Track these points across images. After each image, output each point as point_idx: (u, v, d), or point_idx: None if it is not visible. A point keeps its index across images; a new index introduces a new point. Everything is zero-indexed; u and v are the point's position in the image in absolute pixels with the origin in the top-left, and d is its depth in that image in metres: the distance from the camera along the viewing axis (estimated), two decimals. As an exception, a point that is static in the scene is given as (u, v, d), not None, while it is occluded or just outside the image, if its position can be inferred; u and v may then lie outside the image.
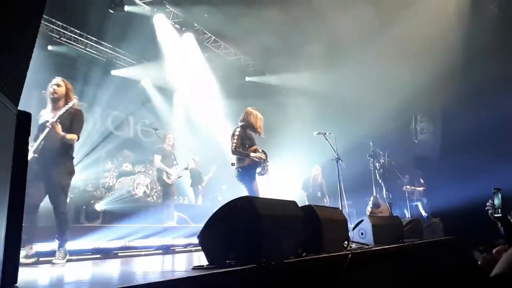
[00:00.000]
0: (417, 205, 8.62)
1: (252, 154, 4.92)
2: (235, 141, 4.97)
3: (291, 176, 9.83)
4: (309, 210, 3.09)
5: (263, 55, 10.55)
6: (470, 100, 8.67)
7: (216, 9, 8.75)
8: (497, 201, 2.48)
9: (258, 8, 8.10)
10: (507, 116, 7.98)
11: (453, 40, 8.44)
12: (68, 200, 6.39)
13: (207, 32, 10.26)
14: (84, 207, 6.19)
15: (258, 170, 5.04)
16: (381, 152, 7.98)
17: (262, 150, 5.06)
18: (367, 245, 3.99)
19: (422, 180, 8.82)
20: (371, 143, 7.88)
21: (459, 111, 9.02)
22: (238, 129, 5.08)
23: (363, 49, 8.99)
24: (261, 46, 9.80)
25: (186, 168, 7.90)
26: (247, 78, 11.92)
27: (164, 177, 6.87)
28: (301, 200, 8.35)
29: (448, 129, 10.09)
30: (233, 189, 9.48)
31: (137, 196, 7.30)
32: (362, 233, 4.35)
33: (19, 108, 1.73)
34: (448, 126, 10.06)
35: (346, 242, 3.45)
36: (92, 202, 6.29)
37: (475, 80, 8.38)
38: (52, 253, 3.77)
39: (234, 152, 4.97)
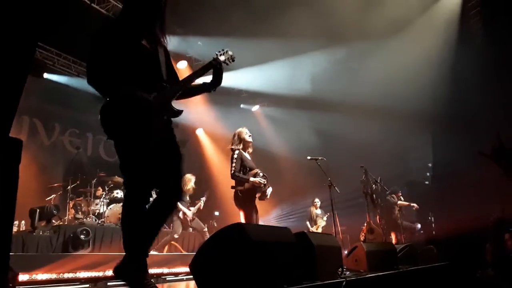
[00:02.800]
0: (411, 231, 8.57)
1: (251, 179, 4.74)
2: (234, 164, 4.84)
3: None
4: (302, 237, 3.06)
5: (256, 83, 10.70)
6: (459, 125, 8.83)
7: (209, 37, 8.91)
8: None
9: (252, 37, 8.26)
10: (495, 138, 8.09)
11: (441, 68, 8.66)
12: (57, 228, 6.33)
13: (200, 59, 10.40)
14: (72, 235, 6.07)
15: (258, 195, 4.87)
16: (373, 177, 7.99)
17: (263, 174, 4.88)
18: (362, 272, 3.93)
19: (415, 205, 8.75)
20: (363, 169, 7.89)
21: (449, 137, 9.15)
22: (237, 152, 4.94)
23: (353, 77, 9.20)
24: (254, 74, 9.96)
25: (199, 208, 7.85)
26: (242, 105, 12.06)
27: (180, 215, 7.20)
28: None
29: (438, 155, 10.20)
30: (226, 215, 9.39)
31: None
32: (356, 260, 4.29)
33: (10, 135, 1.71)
34: (438, 152, 10.17)
35: (340, 269, 3.40)
36: (80, 230, 6.17)
37: (463, 105, 8.55)
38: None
39: (233, 176, 4.81)
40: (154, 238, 2.50)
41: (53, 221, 7.10)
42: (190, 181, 7.48)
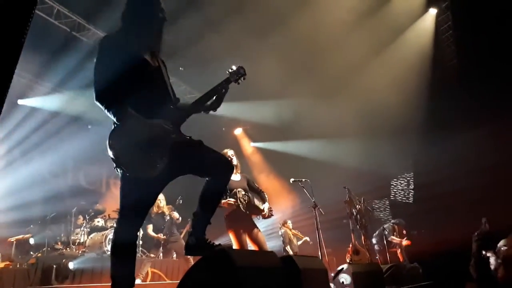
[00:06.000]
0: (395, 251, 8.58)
1: (223, 201, 4.56)
2: None
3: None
4: (288, 260, 3.02)
5: (237, 107, 10.77)
6: (439, 144, 9.05)
7: (190, 62, 8.96)
8: None
9: (231, 61, 8.33)
10: (474, 157, 8.32)
11: (418, 90, 8.92)
12: (35, 259, 6.11)
13: (183, 84, 10.43)
14: (55, 266, 5.83)
15: (255, 215, 4.75)
16: (357, 198, 8.02)
17: (245, 193, 4.67)
18: (349, 294, 3.90)
19: (404, 231, 8.79)
20: (346, 189, 7.92)
21: (430, 156, 9.35)
22: None
23: (334, 101, 9.39)
24: (235, 98, 10.02)
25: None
26: (224, 128, 12.11)
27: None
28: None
29: (420, 174, 10.38)
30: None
31: (109, 252, 6.99)
32: (343, 282, 4.26)
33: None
34: (420, 171, 10.35)
35: (327, 293, 3.37)
36: (63, 260, 5.95)
37: (440, 127, 8.79)
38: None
39: None
40: (214, 209, 2.61)
41: (31, 252, 6.86)
42: (159, 201, 7.32)
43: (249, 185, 4.97)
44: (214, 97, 2.72)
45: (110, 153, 2.31)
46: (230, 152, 5.02)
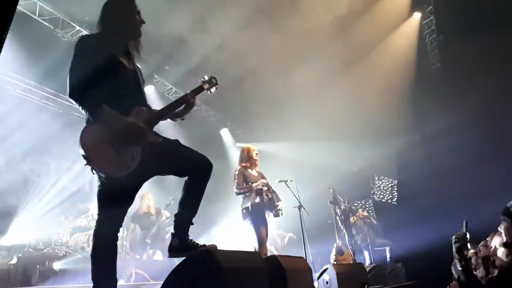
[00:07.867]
0: (384, 249, 8.64)
1: (254, 185, 4.89)
2: (236, 179, 4.98)
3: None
4: (273, 260, 3.04)
5: (224, 109, 10.76)
6: (422, 145, 9.20)
7: (176, 62, 8.90)
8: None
9: (218, 63, 8.33)
10: (456, 159, 8.47)
11: (402, 92, 9.05)
12: (16, 260, 6.00)
13: (168, 84, 10.33)
14: (39, 266, 5.73)
15: (268, 213, 5.01)
16: (341, 198, 8.09)
17: (268, 189, 5.00)
18: (333, 294, 3.94)
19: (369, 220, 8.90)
20: (331, 190, 7.98)
21: (413, 157, 9.48)
22: (238, 168, 5.11)
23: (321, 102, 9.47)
24: (222, 99, 10.01)
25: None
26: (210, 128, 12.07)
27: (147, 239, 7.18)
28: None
29: (403, 177, 10.52)
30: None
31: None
32: (327, 282, 4.30)
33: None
34: (403, 171, 10.48)
35: (311, 292, 3.39)
36: (46, 261, 5.86)
37: (423, 129, 8.93)
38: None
39: (237, 190, 4.97)
40: (196, 210, 2.58)
41: (13, 253, 6.72)
42: (148, 199, 7.32)
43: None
44: (183, 106, 2.74)
45: (81, 151, 2.26)
46: (254, 147, 5.33)
